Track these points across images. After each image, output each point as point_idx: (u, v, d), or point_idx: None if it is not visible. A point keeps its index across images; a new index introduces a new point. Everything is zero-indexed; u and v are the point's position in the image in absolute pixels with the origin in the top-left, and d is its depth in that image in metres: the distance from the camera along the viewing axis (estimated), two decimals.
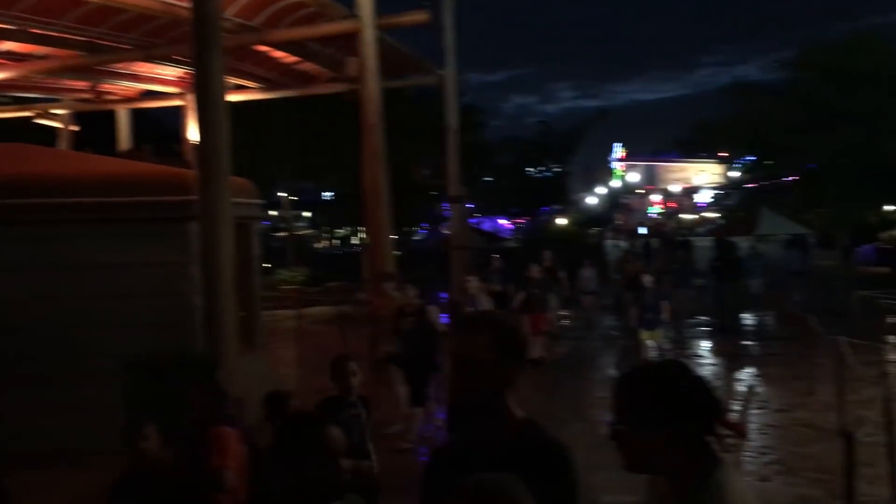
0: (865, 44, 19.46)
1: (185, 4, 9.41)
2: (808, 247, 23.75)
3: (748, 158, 27.20)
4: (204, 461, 4.14)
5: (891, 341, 13.84)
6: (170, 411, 4.43)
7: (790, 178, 24.12)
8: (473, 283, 10.20)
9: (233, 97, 15.49)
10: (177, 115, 18.96)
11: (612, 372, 12.84)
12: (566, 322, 18.25)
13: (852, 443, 5.41)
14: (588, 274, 18.75)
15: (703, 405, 1.93)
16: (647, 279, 12.71)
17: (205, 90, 7.89)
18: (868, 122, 18.22)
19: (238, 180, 9.60)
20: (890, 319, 14.16)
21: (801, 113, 19.59)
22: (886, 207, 27.79)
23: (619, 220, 74.00)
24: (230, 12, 11.84)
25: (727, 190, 41.33)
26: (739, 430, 1.92)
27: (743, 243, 21.87)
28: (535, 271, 14.14)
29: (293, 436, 2.39)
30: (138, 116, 21.14)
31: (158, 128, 27.77)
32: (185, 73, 15.54)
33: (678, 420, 1.89)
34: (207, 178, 7.90)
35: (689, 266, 18.90)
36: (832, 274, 21.36)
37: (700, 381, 1.99)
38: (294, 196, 36.17)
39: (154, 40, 13.64)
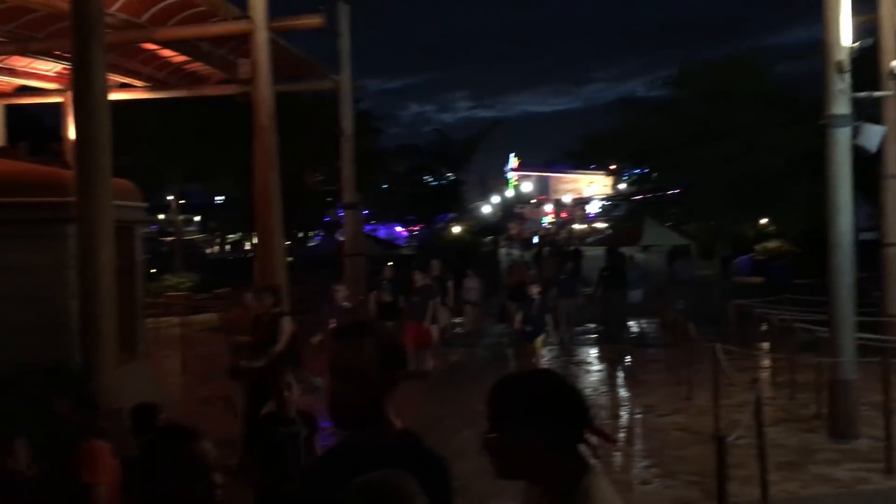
0: (741, 65, 20.54)
1: None
2: (692, 257, 24.83)
3: (635, 171, 28.15)
4: (75, 477, 3.96)
5: (763, 348, 14.60)
6: (40, 425, 4.23)
7: (673, 191, 25.08)
8: (342, 292, 9.90)
9: (117, 95, 14.89)
10: (56, 112, 18.09)
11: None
12: (458, 330, 18.40)
13: (724, 446, 5.66)
14: (471, 284, 18.50)
15: (573, 413, 1.98)
16: (534, 290, 12.72)
17: (85, 87, 7.57)
18: (743, 139, 19.22)
19: (120, 181, 9.26)
20: (763, 327, 14.95)
21: (683, 129, 20.44)
22: (763, 221, 29.33)
23: (513, 229, 75.25)
24: (114, 8, 11.40)
25: (615, 201, 42.66)
26: (610, 438, 1.95)
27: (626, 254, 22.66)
28: (417, 279, 13.96)
29: (162, 449, 2.31)
30: (14, 113, 20.04)
31: (36, 125, 26.43)
32: (65, 69, 14.85)
33: (548, 428, 1.93)
34: (87, 178, 7.58)
35: (577, 275, 19.30)
36: (710, 283, 22.39)
37: (572, 389, 2.04)
38: (183, 199, 35.08)
39: (31, 33, 12.98)
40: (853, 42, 8.82)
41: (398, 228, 51.22)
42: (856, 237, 9.18)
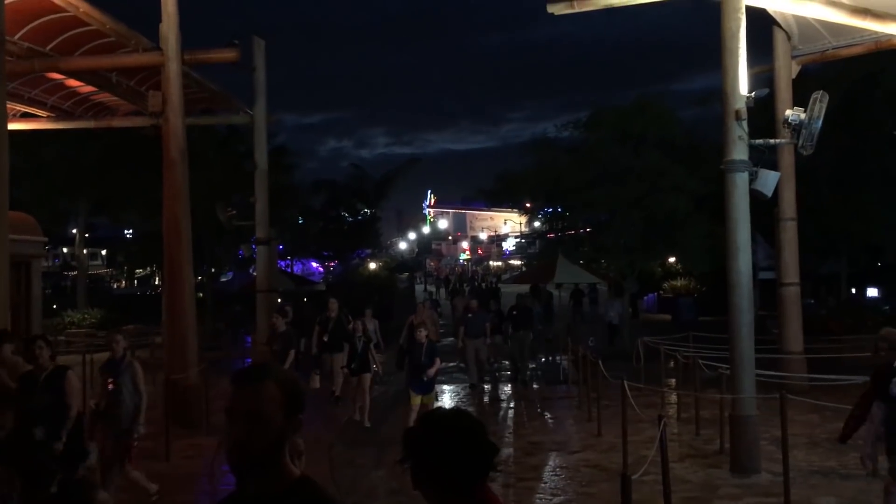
0: (648, 109, 21.32)
1: None
2: (598, 296, 25.36)
3: (548, 210, 28.67)
4: None
5: (670, 384, 14.96)
6: None
7: (584, 230, 25.63)
8: (121, 342, 8.28)
9: (17, 125, 14.38)
10: None
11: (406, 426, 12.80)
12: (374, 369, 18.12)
13: (629, 484, 5.75)
14: (368, 326, 16.71)
15: (477, 457, 2.03)
16: (421, 334, 11.10)
17: None
18: (650, 180, 19.92)
19: (18, 215, 8.90)
20: (670, 364, 15.34)
21: (594, 169, 20.99)
22: (670, 259, 30.25)
23: (431, 265, 75.52)
24: (18, 35, 11.04)
25: (529, 239, 43.37)
26: None
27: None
28: (279, 323, 12.32)
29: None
30: None
31: None
32: None
33: (447, 470, 1.98)
34: None
35: (486, 314, 18.84)
36: (620, 321, 22.90)
37: (477, 437, 2.08)
38: (89, 232, 33.90)
39: None
40: (750, 91, 9.25)
41: (314, 264, 50.70)
42: (756, 276, 9.51)
